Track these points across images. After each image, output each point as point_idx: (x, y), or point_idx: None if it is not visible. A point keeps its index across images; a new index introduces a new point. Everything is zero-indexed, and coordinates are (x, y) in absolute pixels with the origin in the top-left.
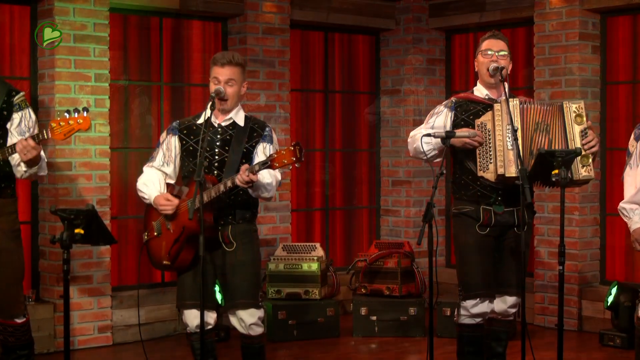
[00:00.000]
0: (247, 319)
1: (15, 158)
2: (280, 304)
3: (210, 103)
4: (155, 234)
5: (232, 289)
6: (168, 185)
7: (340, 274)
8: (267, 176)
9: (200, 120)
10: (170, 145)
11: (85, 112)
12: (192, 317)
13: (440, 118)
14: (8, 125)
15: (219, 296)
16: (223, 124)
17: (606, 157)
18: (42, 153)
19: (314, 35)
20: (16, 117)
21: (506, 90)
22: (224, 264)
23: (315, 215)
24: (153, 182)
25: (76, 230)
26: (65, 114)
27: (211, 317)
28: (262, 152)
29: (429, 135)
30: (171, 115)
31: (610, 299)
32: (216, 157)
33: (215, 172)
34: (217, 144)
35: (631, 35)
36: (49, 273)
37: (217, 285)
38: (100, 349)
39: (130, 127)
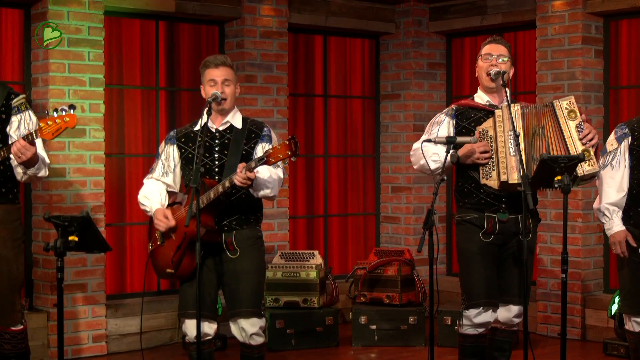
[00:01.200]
0: (249, 329)
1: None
2: (278, 312)
3: (207, 108)
4: (159, 242)
5: (234, 297)
6: (170, 193)
7: (339, 282)
8: (266, 172)
9: (197, 127)
10: (169, 155)
11: (72, 110)
12: (193, 327)
13: (443, 127)
14: (7, 129)
15: None
16: (220, 128)
17: None
18: (42, 153)
19: (313, 39)
20: (15, 120)
21: (507, 95)
22: (227, 271)
23: (313, 223)
24: (154, 193)
25: (70, 238)
26: (53, 112)
27: (211, 328)
28: (261, 152)
29: (429, 141)
30: (167, 120)
31: (614, 307)
32: (216, 162)
33: (216, 177)
34: (216, 148)
35: (635, 39)
36: (43, 281)
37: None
38: (94, 359)
39: (125, 132)
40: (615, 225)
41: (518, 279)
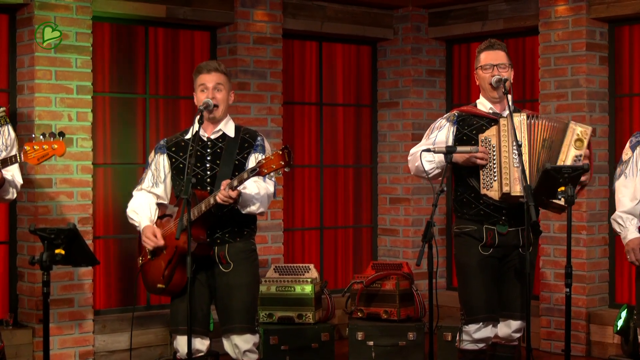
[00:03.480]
0: (242, 345)
1: None
2: (272, 328)
3: (199, 117)
4: (149, 257)
5: (227, 312)
6: (160, 205)
7: (336, 297)
8: (254, 187)
9: (188, 136)
10: (159, 165)
11: (61, 137)
12: (184, 343)
13: (442, 133)
14: None
15: None
16: (212, 137)
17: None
18: (15, 174)
19: (308, 45)
20: None
21: (510, 103)
22: (220, 285)
23: (308, 235)
24: (143, 207)
25: (57, 251)
26: (41, 137)
27: (203, 344)
28: (254, 164)
29: (428, 150)
30: (157, 128)
31: (620, 323)
32: (207, 172)
33: (208, 188)
34: (208, 158)
35: None
36: (28, 296)
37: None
38: None
39: (114, 141)
40: (629, 233)
41: (519, 293)
